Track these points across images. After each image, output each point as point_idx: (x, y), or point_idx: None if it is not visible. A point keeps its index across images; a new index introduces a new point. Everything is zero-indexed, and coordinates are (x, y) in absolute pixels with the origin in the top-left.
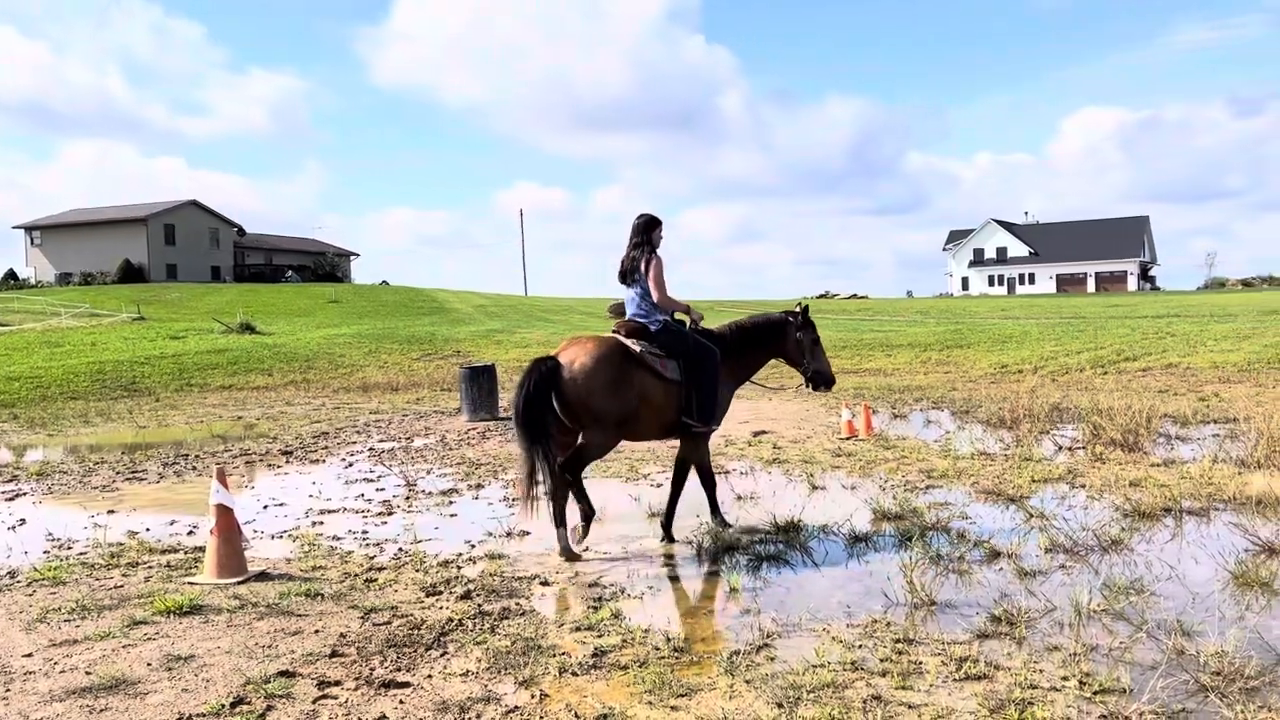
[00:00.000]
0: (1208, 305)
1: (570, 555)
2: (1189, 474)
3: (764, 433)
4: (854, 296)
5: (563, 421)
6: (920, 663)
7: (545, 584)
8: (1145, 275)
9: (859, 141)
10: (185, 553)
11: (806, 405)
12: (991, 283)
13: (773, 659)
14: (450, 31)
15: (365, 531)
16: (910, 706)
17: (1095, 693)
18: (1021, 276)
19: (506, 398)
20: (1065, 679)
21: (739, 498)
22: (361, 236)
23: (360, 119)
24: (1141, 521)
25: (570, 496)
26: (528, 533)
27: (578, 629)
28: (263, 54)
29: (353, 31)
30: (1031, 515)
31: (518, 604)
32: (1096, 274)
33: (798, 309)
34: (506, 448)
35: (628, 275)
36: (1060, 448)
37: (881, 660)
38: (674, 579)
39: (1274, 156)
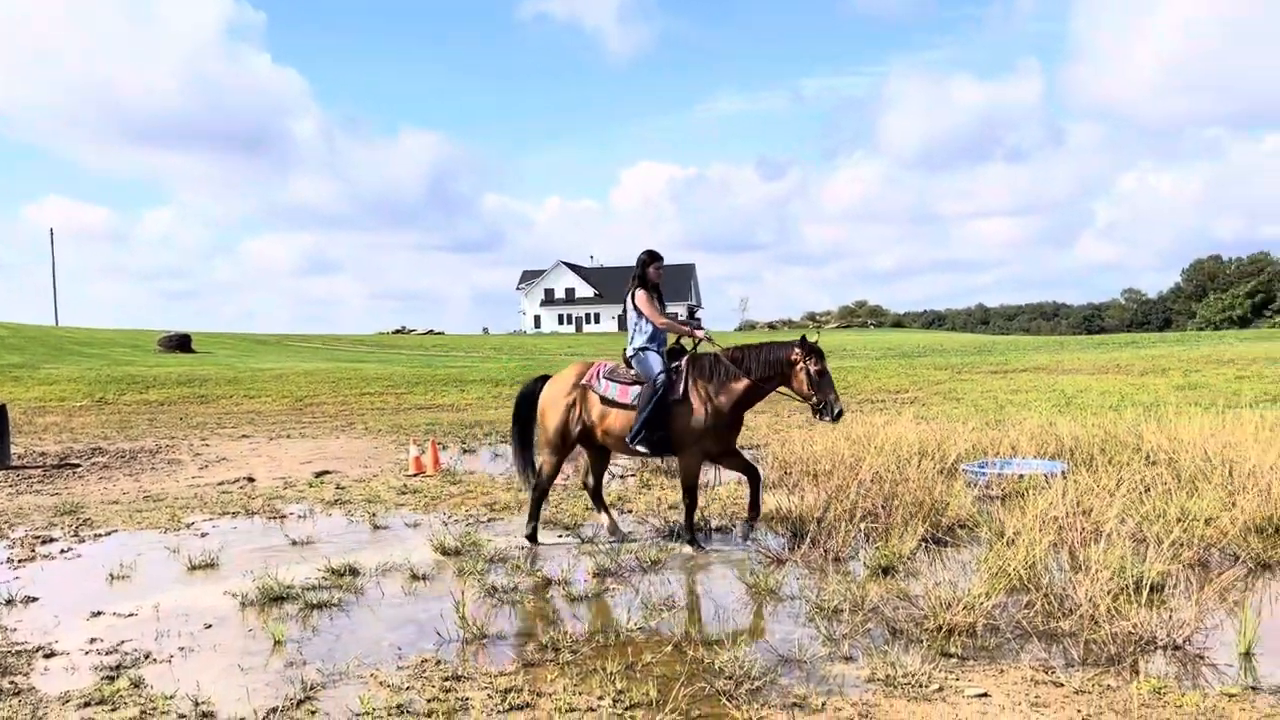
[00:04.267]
0: None
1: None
2: (719, 495)
3: (327, 472)
4: (430, 332)
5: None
6: (467, 699)
7: (50, 655)
8: (692, 316)
9: (436, 178)
10: None
11: (375, 443)
12: (561, 321)
13: (314, 712)
14: None
15: None
16: None
17: (627, 708)
18: (588, 316)
19: (23, 444)
20: (602, 698)
21: (294, 543)
22: None
23: None
24: (676, 542)
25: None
26: (35, 598)
27: (87, 704)
28: None
29: None
30: (583, 542)
31: (12, 682)
32: None
33: (802, 340)
34: (17, 500)
35: (624, 307)
36: (614, 476)
37: (429, 700)
38: (211, 637)
39: (795, 216)
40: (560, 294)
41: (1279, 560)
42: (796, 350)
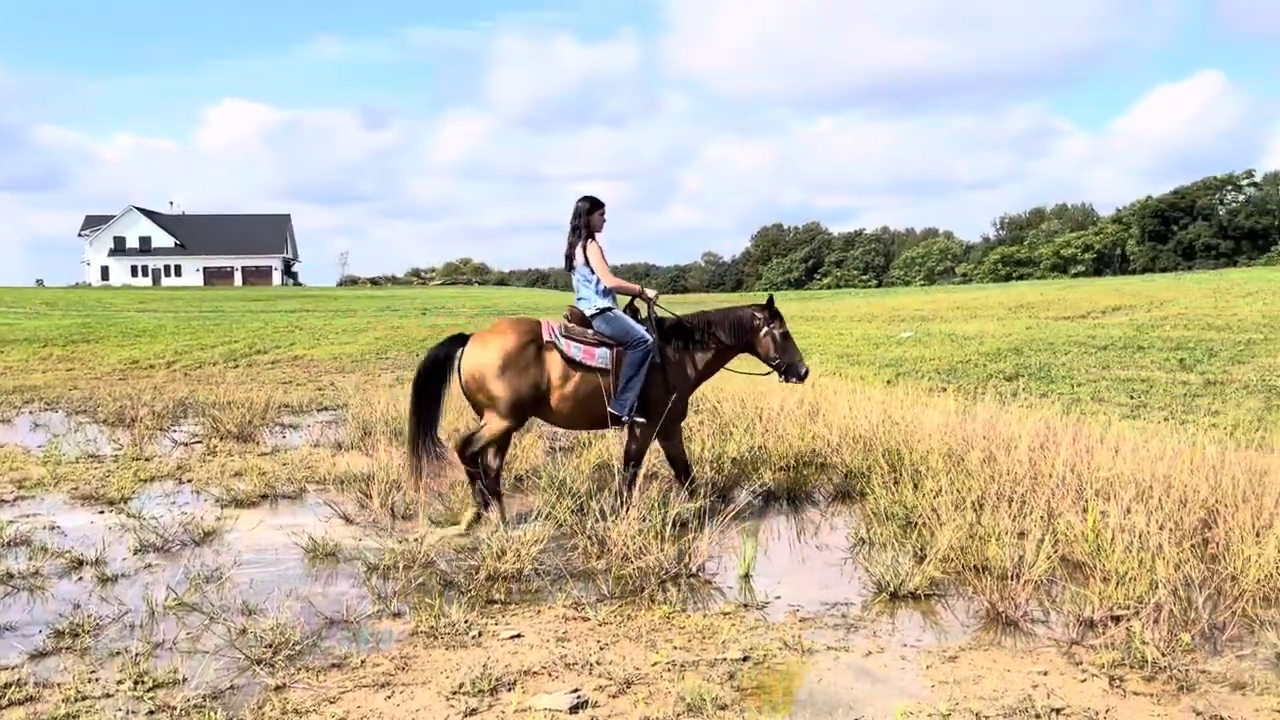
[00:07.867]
0: (337, 300)
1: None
2: (290, 460)
3: None
4: None
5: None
6: None
7: None
8: (289, 271)
9: None
10: None
11: None
12: (135, 273)
13: None
14: None
15: None
16: None
17: (149, 689)
18: (168, 268)
19: None
20: (121, 682)
21: None
22: None
23: None
24: (239, 509)
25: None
26: None
27: None
28: None
29: None
30: (129, 517)
31: None
32: (244, 268)
33: (769, 302)
34: None
35: (569, 261)
36: (177, 444)
37: None
38: None
39: (400, 169)
40: (134, 243)
41: (786, 492)
42: (760, 314)
